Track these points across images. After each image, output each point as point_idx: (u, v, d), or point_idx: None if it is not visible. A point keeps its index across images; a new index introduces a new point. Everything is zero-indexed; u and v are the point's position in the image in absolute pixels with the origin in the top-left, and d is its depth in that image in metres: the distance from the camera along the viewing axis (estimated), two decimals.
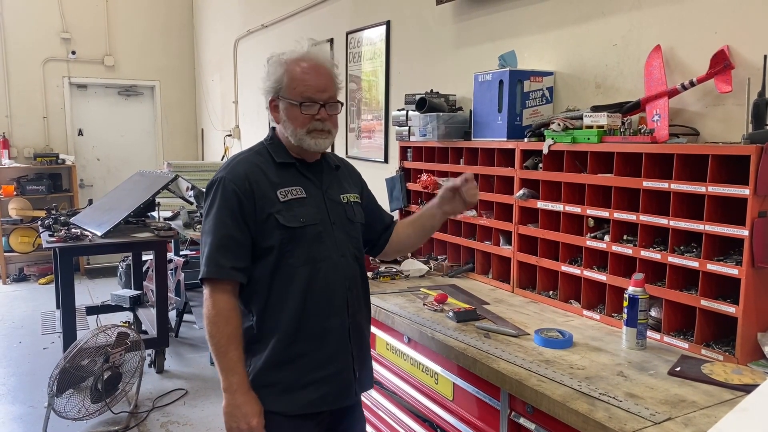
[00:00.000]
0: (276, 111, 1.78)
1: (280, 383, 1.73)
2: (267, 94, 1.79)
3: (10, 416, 3.75)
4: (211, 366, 4.55)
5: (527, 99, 2.56)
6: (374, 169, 4.17)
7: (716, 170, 1.79)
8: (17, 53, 7.26)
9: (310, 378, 1.74)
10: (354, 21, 4.38)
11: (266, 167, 1.76)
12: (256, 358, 1.74)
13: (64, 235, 3.98)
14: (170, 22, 8.10)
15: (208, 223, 1.73)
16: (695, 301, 1.85)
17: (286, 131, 1.77)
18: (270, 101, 1.79)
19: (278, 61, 1.75)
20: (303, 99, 1.73)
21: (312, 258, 1.73)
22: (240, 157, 1.81)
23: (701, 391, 1.60)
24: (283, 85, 1.74)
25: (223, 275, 1.68)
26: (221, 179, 1.73)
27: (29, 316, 5.79)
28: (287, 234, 1.71)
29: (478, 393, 1.90)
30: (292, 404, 1.73)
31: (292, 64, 1.74)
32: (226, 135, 7.08)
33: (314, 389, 1.74)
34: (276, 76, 1.75)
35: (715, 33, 2.02)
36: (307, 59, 1.75)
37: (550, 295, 2.43)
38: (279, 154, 1.79)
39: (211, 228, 1.71)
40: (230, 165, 1.77)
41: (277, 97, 1.76)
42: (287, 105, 1.75)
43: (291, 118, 1.75)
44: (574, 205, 2.26)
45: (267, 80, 1.78)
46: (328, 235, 1.77)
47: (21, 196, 7.13)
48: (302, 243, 1.72)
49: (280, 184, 1.75)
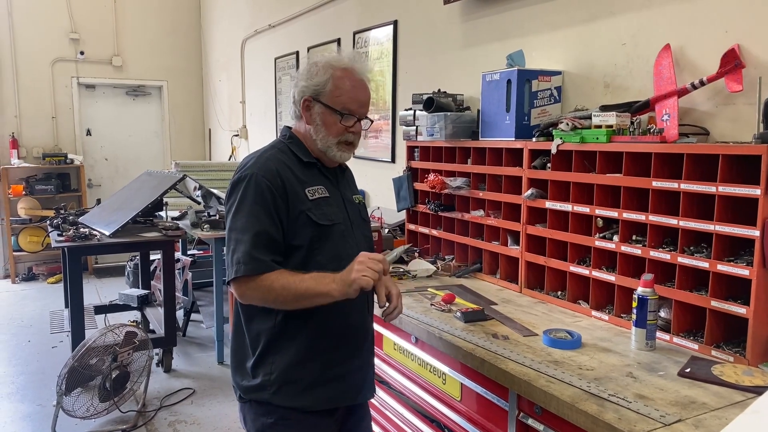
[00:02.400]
0: (308, 111, 1.77)
1: (303, 380, 1.74)
2: (303, 92, 1.77)
3: (19, 415, 3.78)
4: (218, 365, 4.57)
5: (535, 98, 2.55)
6: (381, 169, 4.17)
7: (727, 170, 1.78)
8: (26, 54, 7.31)
9: (332, 374, 1.76)
10: (361, 21, 4.38)
11: (292, 165, 1.75)
12: (280, 355, 1.73)
13: (72, 235, 4.00)
14: (178, 23, 8.13)
15: (239, 219, 1.67)
16: (705, 302, 1.84)
17: (316, 135, 1.77)
18: (304, 100, 1.77)
19: (325, 66, 1.75)
20: (344, 110, 1.74)
21: (338, 256, 1.73)
22: (267, 154, 1.76)
23: (712, 392, 1.58)
24: (325, 90, 1.74)
25: (264, 268, 1.63)
26: (253, 175, 1.68)
27: (38, 315, 5.83)
28: (317, 232, 1.71)
29: (486, 393, 1.90)
30: (313, 401, 1.75)
31: (339, 73, 1.74)
32: (233, 135, 7.10)
33: (335, 385, 1.77)
34: (320, 79, 1.74)
35: (726, 32, 2.01)
36: (354, 72, 1.77)
37: (559, 295, 2.42)
38: (303, 153, 1.79)
39: (245, 225, 1.65)
40: (259, 161, 1.73)
41: (314, 99, 1.76)
42: (325, 110, 1.75)
43: (326, 124, 1.75)
44: (582, 205, 2.24)
45: (307, 79, 1.76)
46: (349, 234, 1.80)
47: (30, 196, 7.17)
48: (330, 241, 1.74)
49: (306, 182, 1.75)
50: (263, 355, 1.74)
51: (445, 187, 2.91)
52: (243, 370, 1.78)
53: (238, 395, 1.82)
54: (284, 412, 1.73)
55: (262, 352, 1.74)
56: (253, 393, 1.75)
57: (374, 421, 2.58)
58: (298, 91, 1.78)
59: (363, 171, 4.27)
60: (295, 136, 1.83)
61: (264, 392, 1.73)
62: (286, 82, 5.71)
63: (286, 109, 5.72)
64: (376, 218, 3.53)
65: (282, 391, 1.72)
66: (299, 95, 1.78)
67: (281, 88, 5.84)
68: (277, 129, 5.84)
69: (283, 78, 5.80)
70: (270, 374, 1.73)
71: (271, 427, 1.75)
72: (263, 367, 1.74)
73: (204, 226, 4.40)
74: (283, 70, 5.77)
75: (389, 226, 3.51)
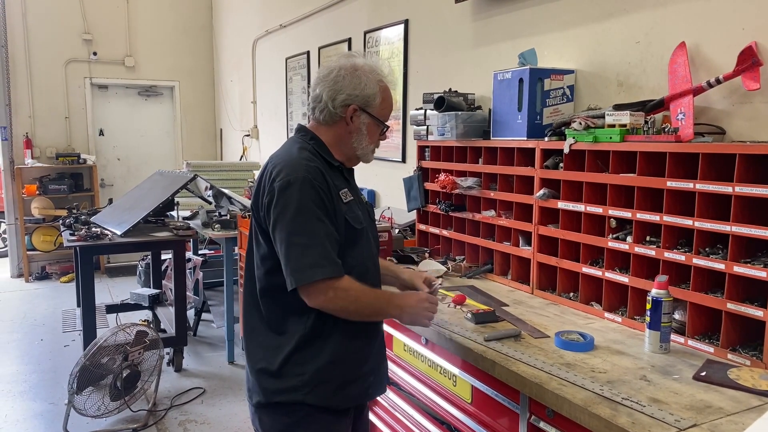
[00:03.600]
0: (353, 119, 1.79)
1: (335, 380, 1.75)
2: (351, 100, 1.77)
3: (31, 413, 3.80)
4: (229, 365, 4.57)
5: (547, 97, 2.53)
6: (392, 169, 4.16)
7: (743, 170, 1.74)
8: (40, 55, 7.37)
9: (359, 372, 1.81)
10: (372, 20, 4.37)
11: (325, 169, 1.75)
12: (313, 356, 1.73)
13: (84, 234, 4.02)
14: (189, 23, 8.17)
15: (302, 223, 1.65)
16: (721, 304, 1.81)
17: (357, 142, 1.81)
18: (352, 107, 1.77)
19: (373, 77, 1.79)
20: (386, 122, 1.85)
21: (364, 257, 1.80)
22: (302, 157, 1.74)
23: (728, 396, 1.55)
24: (375, 103, 1.80)
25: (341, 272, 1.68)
26: (305, 179, 1.66)
27: (51, 314, 5.88)
28: (352, 235, 1.75)
29: (498, 396, 1.88)
30: (344, 399, 1.78)
31: (386, 87, 1.84)
32: (244, 135, 7.12)
33: (360, 383, 1.82)
34: (370, 91, 1.78)
35: (743, 29, 1.97)
36: (391, 85, 1.86)
37: (571, 296, 2.39)
38: (330, 157, 1.81)
39: (313, 228, 1.65)
40: (301, 164, 1.70)
41: (361, 109, 1.78)
42: (371, 121, 1.81)
43: (370, 134, 1.83)
44: (595, 206, 2.22)
45: (355, 89, 1.76)
46: (368, 236, 1.85)
47: (43, 196, 7.23)
48: (359, 244, 1.78)
49: (337, 186, 1.77)
50: (293, 355, 1.73)
51: (456, 187, 2.89)
52: (265, 373, 1.76)
53: (256, 401, 1.80)
54: (310, 411, 1.73)
55: (292, 353, 1.73)
56: (282, 395, 1.74)
57: (383, 422, 2.58)
58: (344, 97, 1.76)
59: (373, 171, 4.26)
60: (318, 138, 1.81)
61: (296, 393, 1.73)
62: (297, 81, 5.71)
63: (297, 109, 5.72)
64: (387, 218, 3.52)
65: (316, 391, 1.73)
66: (344, 102, 1.77)
67: (292, 88, 5.84)
68: (288, 129, 5.85)
69: (294, 78, 5.80)
70: (302, 375, 1.73)
71: (294, 427, 1.75)
72: (293, 368, 1.73)
73: (215, 226, 4.41)
74: (294, 70, 5.77)
75: (399, 226, 3.49)
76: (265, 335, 1.78)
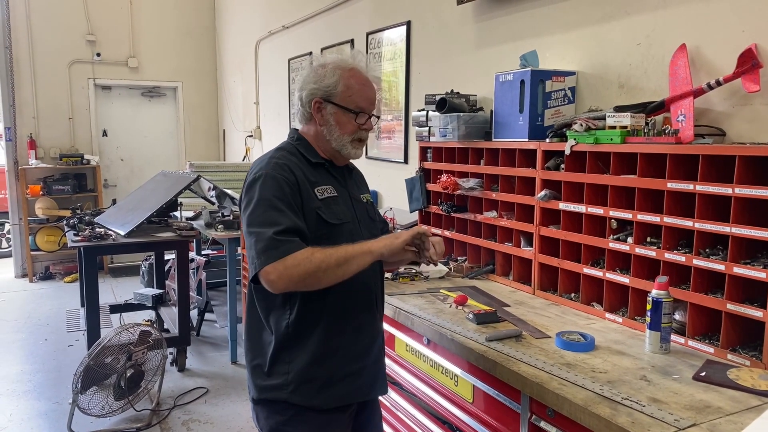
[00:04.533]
0: (319, 112, 1.80)
1: (319, 378, 1.75)
2: (312, 94, 1.79)
3: (35, 412, 3.82)
4: (231, 365, 4.59)
5: (549, 99, 2.54)
6: (394, 170, 4.17)
7: (743, 171, 1.75)
8: (44, 56, 7.40)
9: (347, 371, 1.79)
10: (374, 21, 4.38)
11: (302, 166, 1.77)
12: (296, 355, 1.74)
13: (88, 235, 4.04)
14: (193, 24, 8.19)
15: (259, 214, 1.65)
16: (721, 305, 1.82)
17: (330, 135, 1.80)
18: (315, 101, 1.79)
19: (334, 68, 1.79)
20: (357, 108, 1.80)
21: None
22: (277, 155, 1.77)
23: (727, 396, 1.56)
24: (336, 91, 1.78)
25: (295, 247, 1.60)
26: (267, 174, 1.69)
27: (55, 314, 5.90)
28: (326, 230, 1.73)
29: (498, 396, 1.89)
30: (329, 399, 1.77)
31: (348, 73, 1.79)
32: (247, 136, 7.13)
33: (349, 382, 1.79)
34: (329, 81, 1.78)
35: (743, 31, 1.98)
36: (361, 71, 1.82)
37: (572, 297, 2.40)
38: (311, 154, 1.82)
39: (268, 217, 1.64)
40: (270, 162, 1.73)
41: (325, 101, 1.79)
42: (338, 111, 1.79)
43: (339, 124, 1.80)
44: (596, 207, 2.23)
45: (316, 82, 1.79)
46: (357, 233, 1.81)
47: (47, 196, 7.26)
48: (339, 240, 1.74)
49: (316, 182, 1.77)
50: (279, 354, 1.75)
51: (458, 188, 2.91)
52: (258, 370, 1.79)
53: (251, 396, 1.83)
54: (299, 410, 1.75)
55: (278, 352, 1.75)
56: (269, 392, 1.76)
57: (386, 422, 2.59)
58: (307, 93, 1.80)
59: (376, 172, 4.27)
60: (303, 137, 1.85)
61: (281, 391, 1.74)
62: None
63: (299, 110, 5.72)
64: (389, 219, 3.53)
65: (299, 390, 1.74)
66: (308, 97, 1.80)
67: (295, 89, 5.86)
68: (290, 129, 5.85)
69: (296, 79, 5.82)
70: (287, 373, 1.74)
71: (285, 425, 1.76)
72: (280, 367, 1.75)
73: (218, 227, 4.43)
74: (297, 71, 5.79)
75: (402, 227, 3.50)
76: (260, 332, 1.80)
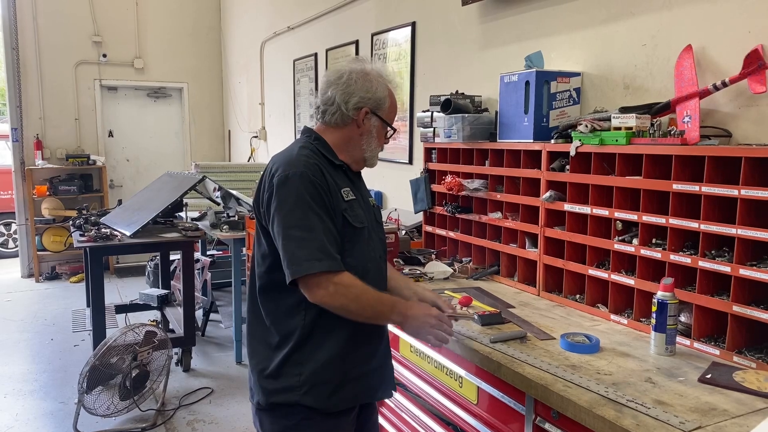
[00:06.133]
0: (364, 122, 1.81)
1: (332, 381, 1.74)
2: (363, 102, 1.79)
3: (41, 412, 3.84)
4: (237, 365, 4.60)
5: (554, 100, 2.53)
6: (399, 171, 4.17)
7: (749, 173, 1.74)
8: (51, 57, 7.43)
9: (357, 372, 1.79)
10: (379, 22, 4.38)
11: (325, 167, 1.76)
12: (309, 356, 1.73)
13: (94, 235, 4.06)
14: (198, 25, 8.22)
15: (300, 217, 1.65)
16: (727, 307, 1.81)
17: (366, 144, 1.83)
18: (364, 110, 1.80)
19: (382, 81, 1.84)
20: (393, 126, 1.89)
21: (365, 258, 1.78)
22: (302, 154, 1.74)
23: (733, 399, 1.56)
24: (384, 106, 1.83)
25: (340, 267, 1.66)
26: (302, 173, 1.67)
27: (61, 314, 5.93)
28: (351, 234, 1.74)
29: (503, 397, 1.89)
30: (340, 400, 1.76)
31: (392, 92, 1.88)
32: (252, 136, 7.15)
33: (358, 383, 1.80)
34: (381, 94, 1.82)
35: (749, 32, 1.97)
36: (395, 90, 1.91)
37: (577, 298, 2.39)
38: (332, 155, 1.81)
39: (311, 222, 1.64)
40: (300, 160, 1.71)
41: (372, 112, 1.81)
42: (381, 124, 1.84)
43: (378, 136, 1.86)
44: (601, 208, 2.22)
45: (367, 92, 1.79)
46: (370, 237, 1.83)
47: (53, 196, 7.29)
48: (359, 244, 1.76)
49: (338, 184, 1.77)
50: (292, 355, 1.73)
51: (463, 189, 2.90)
52: (265, 373, 1.76)
53: (256, 402, 1.80)
54: (308, 413, 1.73)
55: (291, 353, 1.72)
56: (279, 395, 1.74)
57: (391, 423, 2.59)
58: (357, 100, 1.78)
59: (380, 172, 4.27)
60: (321, 138, 1.83)
61: (293, 393, 1.72)
62: (305, 83, 5.73)
63: (304, 111, 5.74)
64: (393, 220, 3.53)
65: (312, 392, 1.72)
66: (356, 104, 1.79)
67: (300, 89, 5.87)
68: (296, 130, 5.88)
69: (301, 80, 5.82)
70: (299, 375, 1.72)
71: (293, 430, 1.75)
72: (291, 368, 1.73)
73: (223, 227, 4.44)
74: (302, 72, 5.79)
75: (406, 227, 3.50)
76: (266, 334, 1.78)
